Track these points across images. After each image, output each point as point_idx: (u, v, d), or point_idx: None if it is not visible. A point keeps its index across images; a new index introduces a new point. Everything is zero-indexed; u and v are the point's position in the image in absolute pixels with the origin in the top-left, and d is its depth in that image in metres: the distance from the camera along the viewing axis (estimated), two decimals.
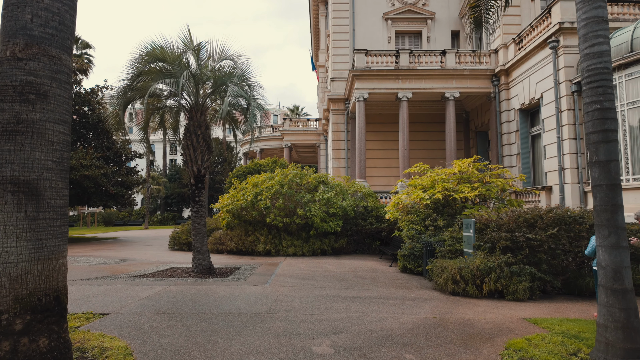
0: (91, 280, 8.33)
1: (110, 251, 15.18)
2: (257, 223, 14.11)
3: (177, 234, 16.03)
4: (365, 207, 13.88)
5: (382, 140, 19.48)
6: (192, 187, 9.60)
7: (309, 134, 28.54)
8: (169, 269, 10.20)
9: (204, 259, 9.42)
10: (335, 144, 19.45)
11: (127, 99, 8.99)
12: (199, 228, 9.53)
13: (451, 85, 16.17)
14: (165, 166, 58.31)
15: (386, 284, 8.19)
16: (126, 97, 8.94)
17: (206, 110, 9.83)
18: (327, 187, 13.72)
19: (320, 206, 12.85)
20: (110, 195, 21.14)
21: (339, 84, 19.63)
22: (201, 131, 9.51)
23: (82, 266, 10.61)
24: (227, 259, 12.31)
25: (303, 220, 13.03)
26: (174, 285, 7.72)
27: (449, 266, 7.61)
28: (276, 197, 13.29)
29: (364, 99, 16.30)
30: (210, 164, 9.65)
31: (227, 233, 14.19)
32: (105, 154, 22.13)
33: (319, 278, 8.66)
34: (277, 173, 14.12)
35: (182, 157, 9.62)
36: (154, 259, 12.43)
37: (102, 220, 50.97)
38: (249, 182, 14.39)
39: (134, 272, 9.46)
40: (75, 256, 13.21)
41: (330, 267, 10.41)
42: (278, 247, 13.06)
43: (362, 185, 14.71)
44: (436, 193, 10.72)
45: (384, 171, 19.32)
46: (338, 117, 19.56)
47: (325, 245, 12.97)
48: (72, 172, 18.25)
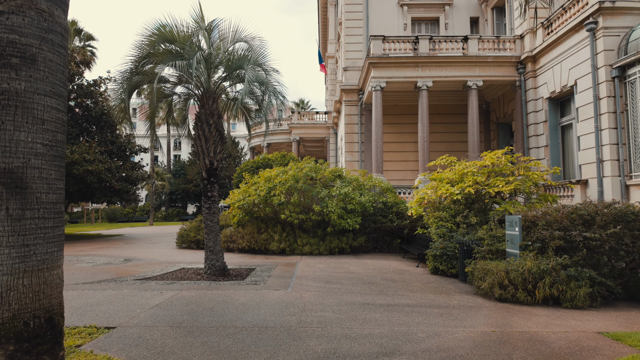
0: (95, 284, 7.56)
1: (115, 249, 14.46)
2: (270, 220, 13.33)
3: (185, 231, 15.28)
4: (385, 203, 13.05)
5: (397, 133, 18.61)
6: (204, 182, 8.80)
7: (318, 128, 27.69)
8: (179, 270, 9.44)
9: (217, 260, 8.65)
10: (348, 137, 18.60)
11: (133, 84, 8.18)
12: (212, 226, 8.75)
13: (474, 73, 15.25)
14: (170, 162, 57.75)
15: (420, 288, 7.38)
16: (132, 82, 8.13)
17: (218, 97, 9.01)
18: (344, 182, 12.90)
19: (337, 202, 12.04)
20: (115, 191, 20.44)
21: (352, 73, 18.74)
22: (213, 120, 8.69)
23: (86, 267, 9.87)
24: (239, 258, 11.54)
25: (319, 217, 12.23)
26: (187, 290, 6.95)
27: (493, 269, 6.79)
28: (291, 192, 12.49)
29: (380, 88, 15.42)
30: (223, 156, 8.86)
31: (238, 230, 13.41)
32: (109, 148, 21.41)
33: (344, 281, 7.86)
34: (290, 167, 13.30)
35: (193, 148, 8.82)
36: (162, 259, 11.68)
37: (106, 217, 50.49)
38: (261, 176, 13.59)
39: (141, 274, 8.70)
40: (78, 255, 12.49)
41: (353, 267, 9.61)
42: (293, 245, 12.27)
43: (380, 180, 13.87)
44: (467, 187, 9.87)
45: (399, 165, 18.47)
46: (351, 108, 18.69)
47: (343, 244, 12.17)
48: (74, 166, 17.56)
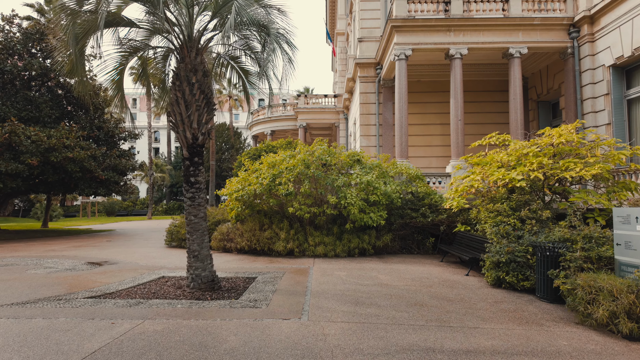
0: (28, 305, 5.33)
1: (92, 249, 12.26)
2: (275, 214, 11.06)
3: (175, 227, 13.08)
4: (414, 194, 10.71)
5: (420, 114, 16.18)
6: (186, 163, 6.51)
7: (327, 112, 25.26)
8: (156, 280, 7.20)
9: (203, 268, 6.38)
10: (363, 119, 16.20)
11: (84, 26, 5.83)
12: (196, 222, 6.48)
13: (516, 39, 12.76)
14: (170, 153, 55.73)
15: (493, 313, 5.07)
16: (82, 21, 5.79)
17: (203, 49, 6.66)
18: (364, 168, 10.57)
19: (358, 192, 9.72)
20: (101, 181, 18.23)
21: (368, 45, 16.29)
22: (197, 78, 6.36)
23: (38, 275, 7.65)
24: (237, 261, 9.29)
25: (335, 211, 9.94)
26: (154, 319, 4.69)
27: (608, 287, 4.48)
28: (300, 180, 10.19)
29: (405, 56, 12.99)
30: (210, 128, 6.58)
31: (236, 227, 11.15)
32: (95, 134, 19.18)
33: (380, 301, 5.57)
34: (299, 150, 10.98)
35: (170, 118, 6.51)
36: (142, 262, 9.47)
37: (104, 210, 48.55)
38: (263, 161, 11.30)
39: (102, 287, 6.46)
40: (43, 257, 10.29)
41: (383, 276, 7.32)
42: (303, 245, 10.00)
43: (406, 166, 11.51)
44: (532, 171, 7.52)
45: (422, 151, 16.07)
46: (367, 85, 16.26)
47: (364, 244, 9.87)
48: (52, 153, 15.37)
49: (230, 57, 7.72)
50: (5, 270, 8.27)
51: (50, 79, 18.42)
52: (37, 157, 15.07)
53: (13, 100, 17.08)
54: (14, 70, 16.75)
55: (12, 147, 15.03)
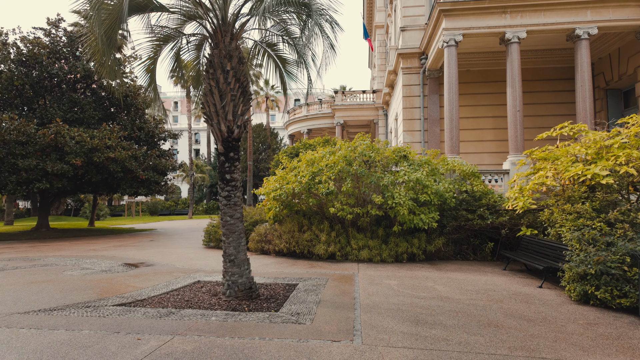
0: (54, 312, 4.94)
1: (131, 249, 12.16)
2: (314, 215, 10.39)
3: (213, 227, 12.76)
4: (469, 193, 9.64)
5: (470, 106, 14.92)
6: (220, 158, 5.94)
7: (365, 109, 24.33)
8: (191, 285, 6.71)
9: (240, 274, 5.78)
10: (406, 113, 15.18)
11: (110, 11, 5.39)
12: (232, 224, 5.89)
13: (584, 18, 11.30)
14: (210, 154, 57.01)
15: (592, 339, 4.06)
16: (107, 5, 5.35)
17: (238, 34, 6.07)
18: (413, 165, 9.63)
19: (406, 191, 8.81)
20: (141, 181, 18.40)
21: (412, 34, 15.25)
22: (231, 65, 5.77)
23: (73, 277, 7.40)
24: (275, 265, 8.69)
25: (380, 211, 9.09)
26: (184, 335, 4.10)
27: None
28: (341, 178, 9.44)
29: (455, 42, 11.88)
30: (246, 120, 5.97)
31: (274, 228, 10.58)
32: (136, 134, 19.43)
33: (444, 318, 4.69)
34: (339, 146, 10.23)
35: (203, 110, 5.96)
36: (179, 264, 9.10)
37: (148, 210, 50.28)
38: (302, 159, 10.65)
39: (134, 293, 6.03)
40: (81, 257, 10.21)
41: (441, 287, 6.40)
42: (345, 249, 9.23)
43: (459, 163, 10.43)
44: (618, 166, 6.32)
45: (473, 146, 14.81)
46: (410, 77, 15.22)
47: (414, 248, 8.94)
48: (95, 153, 15.58)
49: (267, 45, 7.10)
50: (44, 271, 8.13)
51: (94, 81, 18.86)
52: (81, 158, 15.33)
53: (60, 103, 17.59)
54: (60, 73, 17.22)
55: (57, 148, 15.39)
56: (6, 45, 16.96)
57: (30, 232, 18.80)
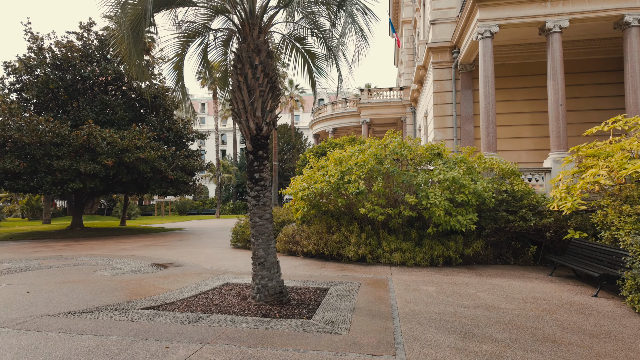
0: (83, 315, 4.84)
1: (160, 249, 12.22)
2: (343, 215, 10.06)
3: (240, 227, 12.66)
4: (509, 193, 9.05)
5: (506, 102, 14.18)
6: (249, 157, 5.71)
7: (392, 107, 23.76)
8: (220, 287, 6.53)
9: (270, 278, 5.54)
10: (437, 110, 14.60)
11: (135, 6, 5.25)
12: (262, 225, 5.65)
13: (634, 4, 10.46)
14: (236, 155, 57.76)
15: None
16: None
17: (266, 27, 5.82)
18: (448, 163, 9.14)
19: (442, 191, 8.34)
20: (170, 181, 18.63)
21: (443, 27, 14.65)
22: (260, 59, 5.53)
23: (103, 277, 7.39)
24: (304, 267, 8.42)
25: (414, 212, 8.65)
26: (213, 343, 3.88)
27: None
28: (372, 177, 9.08)
29: (491, 34, 11.27)
30: (276, 117, 5.73)
31: (302, 229, 10.33)
32: (165, 135, 19.68)
33: (493, 331, 4.27)
34: (368, 144, 9.86)
35: (232, 107, 5.75)
36: (207, 264, 9.00)
37: (177, 209, 51.37)
38: (330, 158, 10.35)
39: (161, 296, 5.89)
40: (112, 257, 10.30)
41: (484, 295, 5.93)
42: (376, 251, 8.85)
43: (497, 160, 9.85)
44: None
45: (509, 143, 14.06)
46: (441, 72, 14.63)
47: (450, 251, 8.46)
48: (125, 154, 15.83)
49: (295, 39, 6.84)
50: (76, 270, 8.19)
51: (124, 83, 19.25)
52: (112, 158, 15.62)
53: (92, 105, 18.03)
54: (92, 75, 17.63)
55: (90, 149, 15.73)
56: (42, 50, 17.52)
57: (65, 230, 19.40)
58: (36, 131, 14.72)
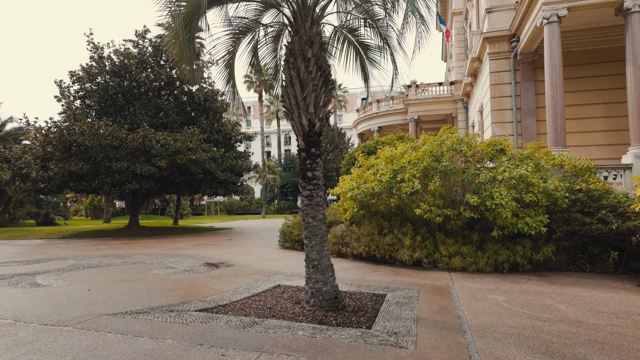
0: (140, 315, 4.82)
1: (211, 248, 12.41)
2: (395, 216, 9.58)
3: (288, 228, 12.55)
4: (584, 192, 8.12)
5: (573, 92, 12.96)
6: (301, 155, 5.47)
7: (442, 102, 22.76)
8: (272, 289, 6.36)
9: (325, 282, 5.25)
10: (495, 103, 13.64)
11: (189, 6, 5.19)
12: (315, 226, 5.38)
13: None
14: (280, 156, 58.67)
15: None
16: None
17: (319, 19, 5.54)
18: (513, 160, 8.38)
19: (508, 190, 7.64)
20: (220, 182, 19.03)
21: (500, 15, 13.68)
22: (313, 52, 5.26)
23: (158, 276, 7.50)
24: (356, 270, 8.07)
25: (475, 214, 8.00)
26: (270, 352, 3.65)
27: None
28: (427, 175, 8.54)
29: (558, 18, 10.28)
30: (329, 112, 5.44)
31: (352, 230, 9.98)
32: (215, 137, 20.15)
33: (586, 351, 3.68)
34: (423, 140, 9.32)
35: (282, 103, 5.53)
36: (257, 265, 8.93)
37: (225, 209, 53.00)
38: (380, 156, 9.92)
39: (214, 298, 5.80)
40: (166, 256, 10.56)
41: (563, 307, 5.25)
42: (433, 255, 8.30)
43: (568, 157, 8.92)
44: None
45: (577, 138, 12.83)
46: (499, 63, 13.65)
47: (517, 256, 7.71)
48: (178, 156, 16.34)
49: (347, 30, 6.51)
50: (133, 269, 8.41)
51: (176, 88, 19.96)
52: (165, 160, 16.19)
53: (147, 109, 18.85)
54: (147, 81, 18.43)
55: (145, 151, 16.41)
56: (102, 58, 18.59)
57: (123, 229, 20.46)
58: (97, 135, 15.58)
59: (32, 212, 27.56)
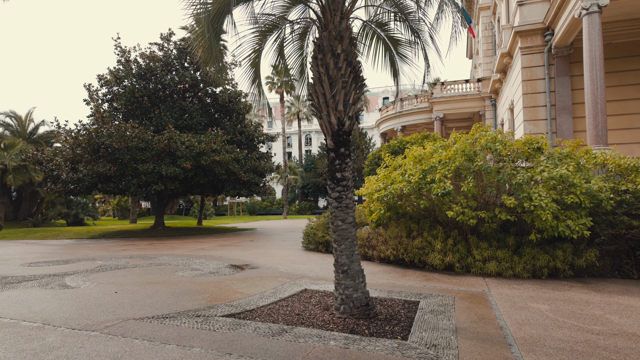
0: (166, 320, 4.71)
1: (235, 249, 12.37)
2: (423, 218, 9.23)
3: (312, 229, 12.35)
4: (631, 193, 7.56)
5: (613, 87, 12.23)
6: (330, 155, 5.24)
7: (469, 100, 22.10)
8: (299, 294, 6.17)
9: (355, 288, 5.02)
10: (527, 100, 13.04)
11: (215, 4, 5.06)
12: (344, 229, 5.15)
13: None
14: (301, 156, 58.74)
15: None
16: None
17: (348, 12, 5.31)
18: (552, 159, 7.90)
19: (547, 191, 7.18)
20: (243, 183, 19.06)
21: (533, 7, 13.07)
22: (342, 47, 5.03)
23: (184, 279, 7.44)
24: (384, 274, 7.79)
25: (512, 216, 7.57)
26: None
27: None
28: (459, 176, 8.17)
29: (598, 8, 9.68)
30: (359, 109, 5.20)
31: (378, 232, 9.70)
32: (238, 138, 20.22)
33: None
34: (454, 139, 8.94)
35: (310, 101, 5.33)
36: (282, 267, 8.77)
37: (247, 210, 53.48)
38: (408, 155, 9.59)
39: (241, 302, 5.65)
40: (191, 257, 10.56)
41: (615, 317, 4.83)
42: (465, 259, 7.91)
43: (611, 155, 8.35)
44: None
45: (617, 135, 12.10)
46: (532, 57, 13.04)
47: (557, 261, 7.24)
48: (202, 157, 16.43)
49: (376, 24, 6.26)
50: (159, 270, 8.41)
51: (200, 90, 20.13)
52: (190, 161, 16.31)
53: (172, 111, 19.08)
54: (171, 83, 18.66)
55: (170, 153, 16.58)
56: (129, 62, 18.95)
57: (149, 230, 20.79)
58: (124, 137, 15.84)
59: (63, 213, 28.47)
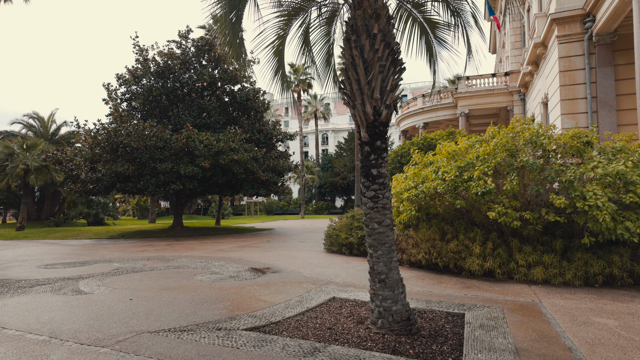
0: (184, 335, 4.22)
1: (255, 251, 11.91)
2: (458, 219, 8.55)
3: (335, 230, 11.79)
4: None
5: None
6: (364, 149, 4.66)
7: (496, 95, 21.11)
8: (327, 303, 5.62)
9: (394, 300, 4.43)
10: (564, 92, 12.14)
11: None
12: (381, 233, 4.57)
13: None
14: (318, 156, 58.30)
15: None
16: None
17: None
18: (606, 154, 7.11)
19: (602, 189, 6.42)
20: (261, 182, 18.65)
21: None
22: (379, 27, 4.45)
23: (203, 284, 6.98)
24: (417, 280, 7.17)
25: (561, 217, 6.83)
26: None
27: None
28: (500, 173, 7.46)
29: None
30: (397, 97, 4.60)
31: (408, 234, 9.06)
32: (256, 136, 19.82)
33: None
34: (491, 133, 8.22)
35: (342, 89, 4.76)
36: (305, 271, 8.25)
37: (264, 209, 53.32)
38: (439, 152, 8.92)
39: (265, 312, 5.13)
40: (210, 259, 10.14)
41: None
42: (507, 264, 7.20)
43: None
44: None
45: None
46: (570, 46, 12.14)
47: (613, 268, 6.47)
48: (221, 156, 16.08)
49: (412, 5, 5.65)
50: (177, 274, 8.00)
51: (218, 88, 19.81)
52: (208, 160, 15.98)
53: (190, 110, 18.82)
54: (189, 81, 18.39)
55: (188, 152, 16.29)
56: (147, 60, 18.78)
57: (167, 230, 20.62)
58: (142, 136, 15.62)
59: (84, 212, 28.73)
